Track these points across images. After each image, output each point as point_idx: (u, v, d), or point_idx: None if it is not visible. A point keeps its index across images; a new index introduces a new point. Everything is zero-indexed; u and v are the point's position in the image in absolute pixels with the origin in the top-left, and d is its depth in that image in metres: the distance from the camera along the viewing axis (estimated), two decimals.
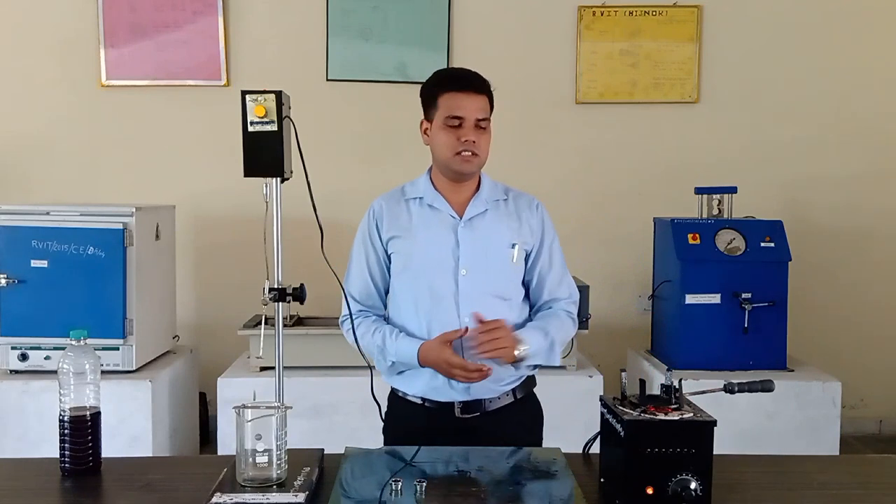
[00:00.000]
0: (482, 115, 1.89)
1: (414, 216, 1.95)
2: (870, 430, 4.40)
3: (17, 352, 3.16)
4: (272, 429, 1.44)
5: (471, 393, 1.89)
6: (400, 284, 1.96)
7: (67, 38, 4.15)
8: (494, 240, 1.94)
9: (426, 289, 1.91)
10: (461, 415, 1.90)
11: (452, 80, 1.92)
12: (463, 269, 1.90)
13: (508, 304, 1.95)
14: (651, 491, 1.36)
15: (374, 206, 2.00)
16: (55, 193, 4.11)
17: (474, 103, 1.88)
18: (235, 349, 3.63)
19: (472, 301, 1.88)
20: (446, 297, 1.89)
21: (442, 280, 1.90)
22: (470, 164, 1.89)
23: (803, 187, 4.32)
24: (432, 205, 1.95)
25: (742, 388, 1.68)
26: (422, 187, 1.98)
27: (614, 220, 4.28)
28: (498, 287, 1.93)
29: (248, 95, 2.37)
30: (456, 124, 1.87)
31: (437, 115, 1.90)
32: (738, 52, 4.26)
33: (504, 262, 1.94)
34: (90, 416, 1.57)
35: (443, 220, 1.94)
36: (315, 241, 2.25)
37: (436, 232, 1.93)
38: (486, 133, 1.91)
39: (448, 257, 1.91)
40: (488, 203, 1.96)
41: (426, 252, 1.92)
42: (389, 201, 1.99)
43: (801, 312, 3.88)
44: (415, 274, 1.92)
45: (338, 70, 4.20)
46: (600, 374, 3.38)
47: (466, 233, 1.92)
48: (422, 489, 1.45)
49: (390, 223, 1.96)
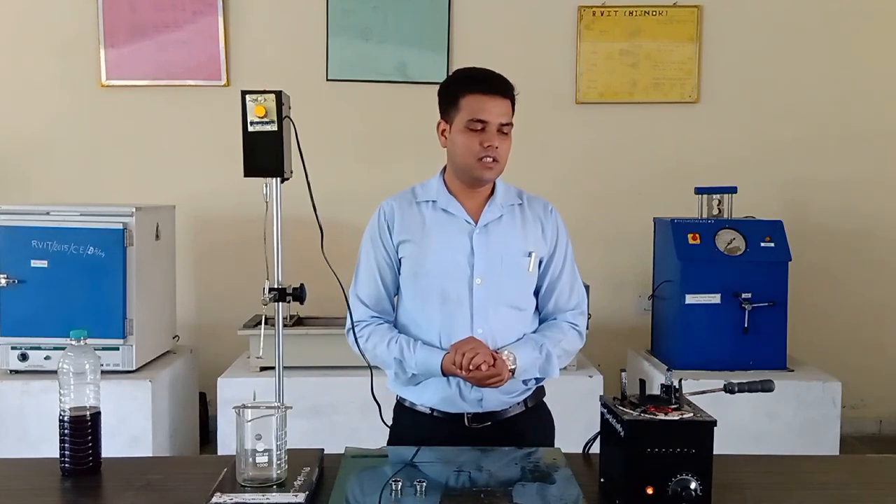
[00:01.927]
0: (506, 120, 1.82)
1: (427, 220, 1.87)
2: (870, 430, 4.40)
3: (17, 352, 3.16)
4: (272, 429, 1.44)
5: (482, 406, 1.85)
6: (410, 291, 1.89)
7: (67, 38, 4.15)
8: (510, 247, 1.87)
9: (438, 297, 1.84)
10: (471, 424, 1.85)
11: (477, 82, 1.84)
12: (478, 278, 1.83)
13: (522, 314, 1.90)
14: (651, 491, 1.36)
15: (384, 208, 1.92)
16: (55, 193, 4.11)
17: (498, 107, 1.81)
18: (235, 349, 3.63)
19: (486, 311, 1.83)
20: (459, 306, 1.83)
21: (455, 288, 1.83)
22: (491, 170, 1.83)
23: (803, 187, 4.32)
24: (446, 209, 1.88)
25: (742, 388, 1.68)
26: (434, 190, 1.90)
27: (614, 220, 4.29)
28: (512, 297, 1.88)
29: (248, 95, 2.37)
30: (479, 128, 1.80)
31: (459, 118, 1.82)
32: (738, 52, 4.26)
33: (520, 270, 1.88)
34: (90, 416, 1.57)
35: (458, 225, 1.87)
36: (315, 241, 2.25)
37: (450, 238, 1.86)
38: (507, 139, 1.84)
39: (463, 265, 1.84)
40: (503, 208, 1.90)
41: (440, 259, 1.85)
42: (401, 203, 1.91)
43: (801, 312, 3.88)
44: (426, 281, 1.85)
45: (338, 70, 4.20)
46: (600, 374, 3.38)
47: (482, 239, 1.86)
48: (422, 489, 1.45)
49: (402, 226, 1.88)
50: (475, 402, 1.84)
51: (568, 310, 1.96)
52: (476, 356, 1.73)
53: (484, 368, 1.73)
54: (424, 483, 1.46)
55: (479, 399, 1.84)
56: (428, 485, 1.46)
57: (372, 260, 1.91)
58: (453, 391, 1.84)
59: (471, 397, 1.84)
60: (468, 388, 1.84)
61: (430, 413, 1.88)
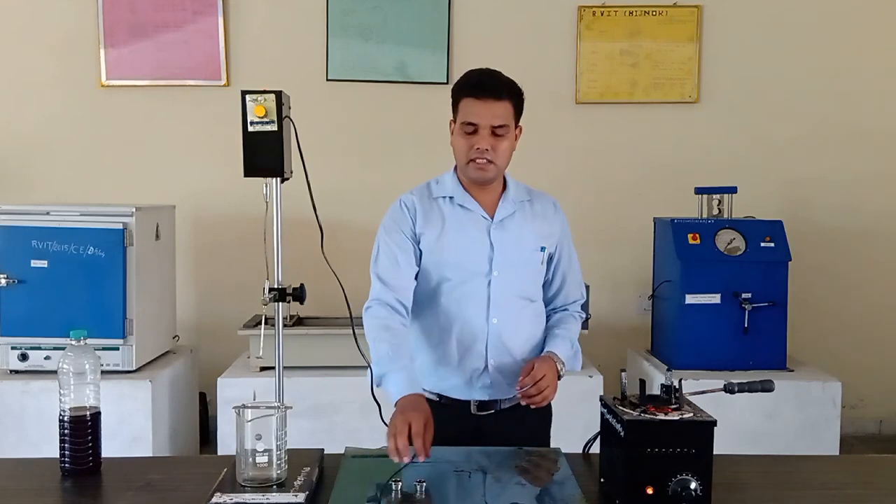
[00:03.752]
0: (499, 122, 1.85)
1: (446, 216, 1.93)
2: (870, 430, 4.39)
3: (17, 352, 3.16)
4: (272, 429, 1.44)
5: (490, 394, 1.92)
6: (428, 282, 1.93)
7: (67, 38, 4.15)
8: (524, 241, 1.95)
9: (456, 289, 1.90)
10: (477, 412, 1.91)
11: (471, 86, 1.89)
12: (495, 271, 1.90)
13: (533, 305, 1.98)
14: (651, 491, 1.36)
15: (405, 201, 1.95)
16: (55, 193, 4.11)
17: (490, 110, 1.84)
18: (235, 349, 3.63)
19: (501, 303, 1.90)
20: (477, 298, 1.90)
21: (473, 281, 1.90)
22: (484, 171, 1.88)
23: (803, 187, 4.32)
24: (463, 205, 1.94)
25: (742, 388, 1.68)
26: (450, 186, 1.96)
27: (614, 219, 4.28)
28: (525, 289, 1.96)
29: (248, 95, 2.37)
30: (470, 131, 1.86)
31: (457, 119, 1.90)
32: (738, 52, 4.26)
33: (534, 263, 1.96)
34: (90, 416, 1.57)
35: (475, 220, 1.93)
36: (315, 241, 2.25)
37: (469, 232, 1.92)
38: (504, 139, 1.87)
39: (482, 259, 1.90)
40: (516, 204, 1.96)
41: (460, 252, 1.90)
42: (421, 198, 1.95)
43: (801, 312, 3.88)
44: (445, 273, 1.91)
45: (338, 70, 4.20)
46: (600, 374, 3.38)
47: (498, 234, 1.92)
48: (422, 489, 1.45)
49: (424, 220, 1.92)
50: (484, 389, 1.91)
51: (574, 301, 2.06)
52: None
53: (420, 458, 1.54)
54: (424, 483, 1.46)
55: (487, 385, 1.91)
56: (428, 485, 1.46)
57: (393, 244, 1.92)
58: (461, 379, 1.91)
59: (478, 384, 1.91)
60: (480, 376, 1.90)
61: (437, 400, 1.91)
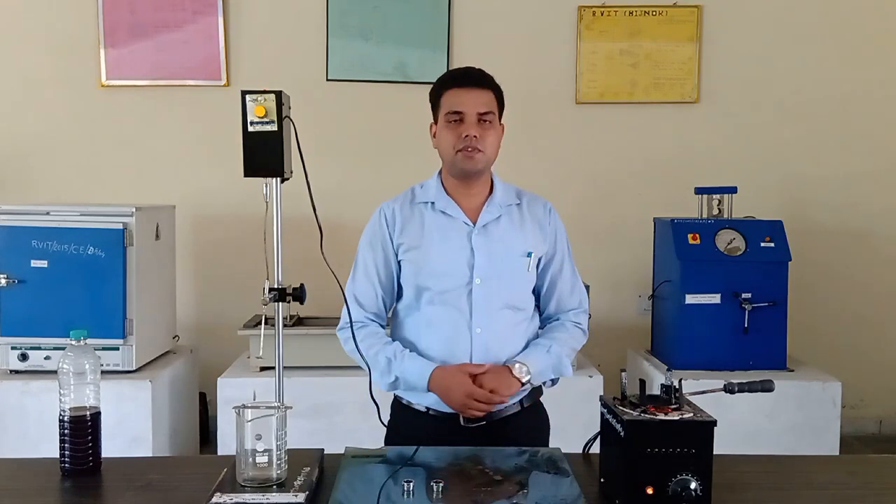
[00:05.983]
0: (484, 109, 1.84)
1: (427, 223, 1.90)
2: (870, 430, 4.40)
3: (17, 352, 3.16)
4: (272, 429, 1.44)
5: None
6: (410, 292, 1.91)
7: (67, 38, 4.15)
8: (510, 247, 1.89)
9: (438, 298, 1.86)
10: (466, 424, 1.86)
11: (452, 78, 1.90)
12: (477, 279, 1.85)
13: (521, 314, 1.92)
14: (651, 491, 1.36)
15: (384, 210, 1.94)
16: (55, 193, 4.11)
17: (475, 98, 1.84)
18: (235, 349, 3.63)
19: (485, 311, 1.85)
20: (459, 306, 1.85)
21: (455, 289, 1.85)
22: (473, 160, 1.84)
23: (803, 187, 4.32)
24: (445, 211, 1.90)
25: (742, 388, 1.68)
26: (433, 191, 1.92)
27: (614, 220, 4.29)
28: (512, 297, 1.90)
29: (248, 95, 2.37)
30: (456, 119, 1.84)
31: (441, 114, 1.88)
32: (738, 52, 4.26)
33: (519, 270, 1.90)
34: (90, 416, 1.57)
35: (457, 227, 1.89)
36: (315, 241, 2.25)
37: (450, 240, 1.88)
38: (491, 128, 1.86)
39: (463, 267, 1.86)
40: (502, 208, 1.91)
41: (440, 260, 1.87)
42: (401, 206, 1.93)
43: (801, 312, 3.88)
44: (426, 282, 1.87)
45: (338, 70, 4.20)
46: (600, 374, 3.38)
47: (481, 240, 1.88)
48: (421, 489, 1.45)
49: (403, 229, 1.90)
50: None
51: (570, 309, 2.00)
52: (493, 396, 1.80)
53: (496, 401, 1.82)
54: (423, 483, 1.46)
55: None
56: (427, 485, 1.46)
57: (370, 262, 1.93)
58: None
59: None
60: None
61: (426, 412, 1.89)
